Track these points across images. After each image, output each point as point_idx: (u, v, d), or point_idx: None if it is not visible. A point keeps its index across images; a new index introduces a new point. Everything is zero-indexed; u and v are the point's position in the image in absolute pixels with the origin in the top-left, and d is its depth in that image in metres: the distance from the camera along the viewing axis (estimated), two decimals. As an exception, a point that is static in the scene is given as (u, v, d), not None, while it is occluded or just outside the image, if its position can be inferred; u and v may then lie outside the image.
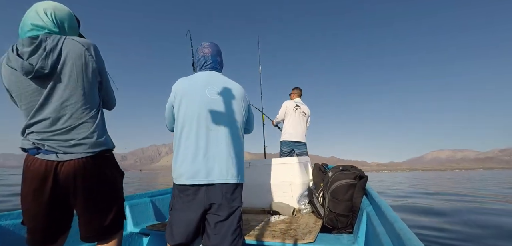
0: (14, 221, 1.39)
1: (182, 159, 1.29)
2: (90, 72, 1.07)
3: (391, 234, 0.94)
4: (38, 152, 1.00)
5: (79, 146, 1.04)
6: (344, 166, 2.14)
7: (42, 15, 1.04)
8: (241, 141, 1.42)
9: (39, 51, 0.98)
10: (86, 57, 1.05)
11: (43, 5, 1.06)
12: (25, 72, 0.96)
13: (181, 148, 1.31)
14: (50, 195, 1.00)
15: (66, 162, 1.01)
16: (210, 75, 1.42)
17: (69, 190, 1.03)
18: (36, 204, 1.00)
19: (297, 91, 4.24)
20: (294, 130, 3.94)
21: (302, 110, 4.03)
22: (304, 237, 1.52)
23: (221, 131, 1.32)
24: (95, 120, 1.10)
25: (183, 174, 1.27)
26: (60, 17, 1.08)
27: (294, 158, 2.57)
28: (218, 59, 1.49)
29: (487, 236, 3.72)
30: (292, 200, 2.36)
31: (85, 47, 1.06)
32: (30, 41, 0.98)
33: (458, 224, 4.50)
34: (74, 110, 1.04)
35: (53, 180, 1.00)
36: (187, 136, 1.30)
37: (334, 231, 1.85)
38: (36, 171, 0.99)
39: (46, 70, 0.98)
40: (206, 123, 1.30)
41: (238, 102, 1.41)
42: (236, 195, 1.32)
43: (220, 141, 1.31)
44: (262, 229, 1.77)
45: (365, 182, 1.84)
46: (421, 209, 6.28)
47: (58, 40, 1.01)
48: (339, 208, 1.80)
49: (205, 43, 1.51)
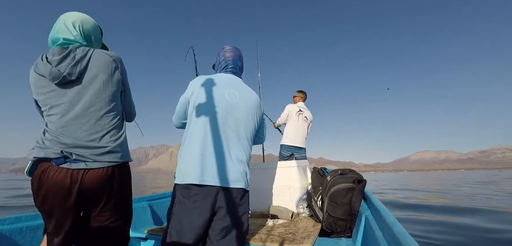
0: (10, 226, 1.38)
1: (191, 157, 1.22)
2: (115, 82, 1.11)
3: (390, 238, 0.94)
4: (65, 161, 0.99)
5: (108, 154, 1.04)
6: (343, 170, 2.14)
7: (71, 29, 1.08)
8: (251, 148, 1.40)
9: (68, 60, 1.02)
10: (113, 68, 1.10)
11: (71, 18, 1.10)
12: (53, 77, 0.99)
13: (192, 146, 1.24)
14: (75, 204, 1.00)
15: (92, 170, 1.01)
16: (231, 78, 1.42)
17: (91, 199, 1.03)
18: (61, 216, 0.99)
19: (301, 95, 4.16)
20: (295, 135, 3.91)
21: (304, 115, 3.98)
22: (303, 241, 1.52)
23: (235, 135, 1.30)
24: (120, 130, 1.12)
25: (191, 173, 1.19)
26: (87, 29, 1.14)
27: (293, 161, 2.56)
28: (239, 64, 1.50)
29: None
30: (290, 204, 2.36)
31: (112, 58, 1.11)
32: (60, 50, 1.04)
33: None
34: (99, 117, 1.05)
35: (78, 189, 0.99)
36: (200, 135, 1.25)
37: (332, 235, 1.84)
38: (62, 181, 0.98)
39: (73, 77, 1.01)
40: (222, 125, 1.27)
41: (254, 111, 1.41)
42: (244, 201, 1.28)
43: (233, 145, 1.28)
44: (260, 233, 1.76)
45: (363, 185, 1.85)
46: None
47: (87, 51, 1.06)
48: (338, 212, 1.80)
49: (228, 46, 1.51)
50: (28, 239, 1.44)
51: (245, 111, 1.35)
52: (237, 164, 1.26)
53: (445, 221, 4.91)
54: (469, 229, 4.17)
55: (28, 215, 1.49)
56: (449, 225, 4.56)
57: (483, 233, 3.90)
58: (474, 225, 4.40)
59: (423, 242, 3.50)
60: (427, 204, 7.19)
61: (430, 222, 4.91)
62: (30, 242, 1.45)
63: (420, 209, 6.38)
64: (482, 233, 3.93)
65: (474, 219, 4.94)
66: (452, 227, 4.38)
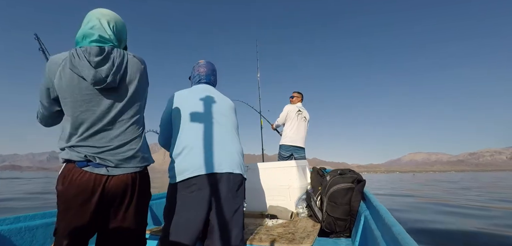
0: (9, 227, 1.37)
1: (186, 152, 1.27)
2: (144, 89, 1.12)
3: (389, 238, 0.94)
4: (87, 164, 0.97)
5: (130, 160, 1.04)
6: (342, 170, 2.15)
7: (106, 27, 1.06)
8: (240, 142, 1.49)
9: (108, 64, 0.99)
10: (144, 75, 1.11)
11: (105, 16, 1.08)
12: (96, 81, 0.96)
13: (185, 142, 1.30)
14: (95, 209, 0.98)
15: (116, 176, 1.00)
16: (207, 87, 1.55)
17: (114, 204, 1.02)
18: (79, 218, 0.97)
19: (298, 96, 4.18)
20: (295, 135, 3.91)
21: (303, 115, 4.00)
22: (302, 241, 1.52)
23: (226, 127, 1.41)
24: (142, 136, 1.12)
25: (188, 168, 1.24)
26: (119, 30, 1.12)
27: (292, 161, 2.56)
28: (212, 78, 1.61)
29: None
30: (290, 203, 2.36)
31: (142, 65, 1.11)
32: (98, 50, 0.99)
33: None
34: (129, 125, 1.05)
35: (100, 194, 0.98)
36: (190, 132, 1.32)
37: (332, 235, 1.84)
38: (84, 185, 0.96)
39: (115, 84, 1.00)
40: (210, 121, 1.36)
41: (233, 110, 1.56)
42: (241, 191, 1.35)
43: (225, 136, 1.38)
44: (260, 233, 1.76)
45: (363, 185, 1.85)
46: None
47: (123, 56, 1.05)
48: (337, 212, 1.80)
49: (202, 61, 1.63)
50: (27, 240, 1.44)
51: (228, 110, 1.49)
52: (233, 154, 1.35)
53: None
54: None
55: (27, 215, 1.49)
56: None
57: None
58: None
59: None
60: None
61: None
62: (30, 243, 1.45)
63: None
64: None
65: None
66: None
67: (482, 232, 4.08)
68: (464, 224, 4.65)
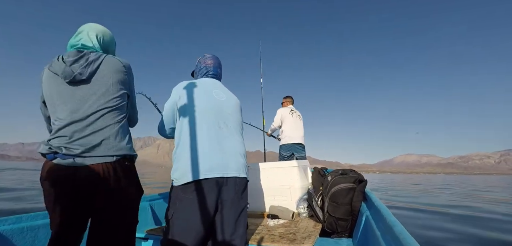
0: (12, 226, 1.38)
1: (193, 153, 1.22)
2: (122, 84, 1.16)
3: (391, 238, 0.94)
4: (55, 156, 1.00)
5: (97, 148, 1.03)
6: (344, 170, 2.14)
7: (92, 38, 1.17)
8: (243, 143, 1.46)
9: (81, 61, 1.08)
10: (122, 72, 1.16)
11: (94, 30, 1.19)
12: (65, 76, 1.04)
13: (191, 142, 1.25)
14: (70, 201, 1.00)
15: (86, 166, 1.01)
16: (214, 81, 1.50)
17: (91, 196, 1.02)
18: (60, 211, 1.00)
19: (289, 99, 4.31)
20: (293, 133, 3.96)
21: (297, 114, 4.09)
22: (303, 241, 1.52)
23: (230, 129, 1.37)
24: (118, 128, 1.11)
25: (194, 170, 1.19)
26: (106, 41, 1.24)
27: (293, 161, 2.56)
28: (219, 71, 1.57)
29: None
30: (291, 203, 2.36)
31: (122, 63, 1.18)
32: (76, 53, 1.09)
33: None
34: (101, 116, 1.07)
35: (72, 186, 1.00)
36: (197, 132, 1.27)
37: (333, 235, 1.84)
38: (55, 177, 1.00)
39: (84, 76, 1.06)
40: (216, 122, 1.33)
41: (239, 108, 1.51)
42: (245, 194, 1.33)
43: (231, 138, 1.35)
44: (261, 233, 1.76)
45: (364, 186, 1.84)
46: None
47: (100, 56, 1.13)
48: (339, 212, 1.80)
49: (208, 55, 1.59)
50: (29, 240, 1.44)
51: (233, 109, 1.44)
52: (237, 156, 1.32)
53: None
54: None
55: (29, 215, 1.49)
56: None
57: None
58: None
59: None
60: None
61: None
62: (32, 243, 1.45)
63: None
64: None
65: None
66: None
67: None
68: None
